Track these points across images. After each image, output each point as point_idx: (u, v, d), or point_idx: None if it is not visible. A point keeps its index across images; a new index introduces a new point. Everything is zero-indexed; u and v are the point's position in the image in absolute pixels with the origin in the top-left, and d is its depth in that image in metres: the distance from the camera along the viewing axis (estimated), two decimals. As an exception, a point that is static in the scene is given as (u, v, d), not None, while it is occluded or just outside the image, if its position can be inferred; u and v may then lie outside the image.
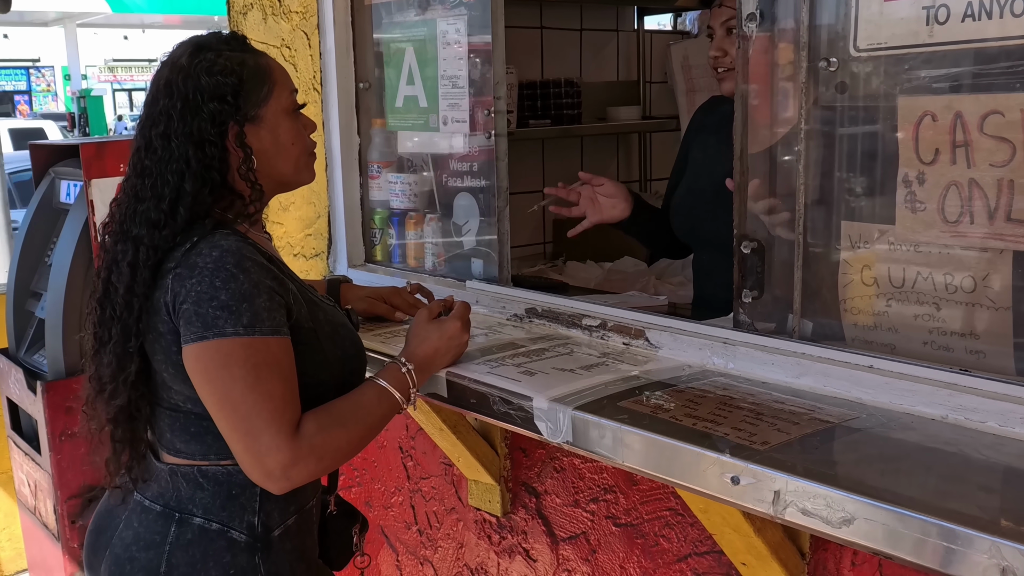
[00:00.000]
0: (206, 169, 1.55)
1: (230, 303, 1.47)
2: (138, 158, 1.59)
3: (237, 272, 1.49)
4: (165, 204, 1.54)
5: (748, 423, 1.44)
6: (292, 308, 1.57)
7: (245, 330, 1.47)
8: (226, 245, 1.51)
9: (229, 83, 1.57)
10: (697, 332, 1.81)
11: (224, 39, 1.64)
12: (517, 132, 3.23)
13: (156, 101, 1.58)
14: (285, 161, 1.65)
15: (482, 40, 2.24)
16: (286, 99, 1.65)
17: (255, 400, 1.46)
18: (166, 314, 1.51)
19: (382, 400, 1.64)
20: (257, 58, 1.64)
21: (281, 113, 1.63)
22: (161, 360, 1.55)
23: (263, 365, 1.48)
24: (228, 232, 1.55)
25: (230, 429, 1.49)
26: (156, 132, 1.56)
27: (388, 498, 2.64)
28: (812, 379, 1.61)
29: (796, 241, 1.69)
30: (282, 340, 1.51)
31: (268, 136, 1.62)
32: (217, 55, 1.59)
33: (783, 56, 1.70)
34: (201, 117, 1.55)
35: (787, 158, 1.71)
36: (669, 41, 3.85)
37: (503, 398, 1.66)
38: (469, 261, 2.38)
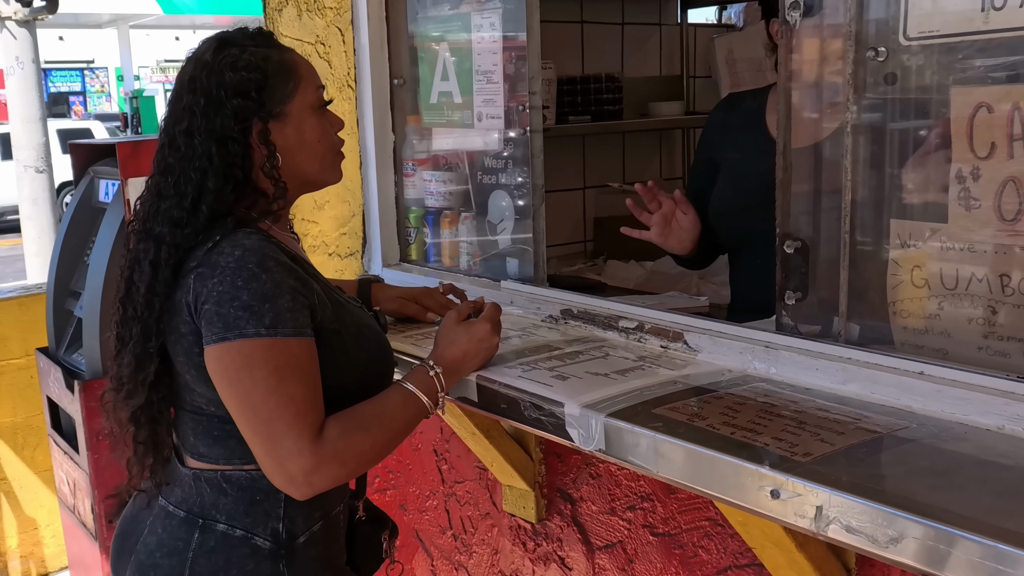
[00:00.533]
0: (228, 166, 1.52)
1: (252, 303, 1.43)
2: (161, 155, 1.56)
3: (259, 272, 1.45)
4: (187, 202, 1.51)
5: (790, 432, 1.36)
6: (316, 309, 1.52)
7: (267, 331, 1.43)
8: (248, 244, 1.48)
9: (253, 79, 1.54)
10: (738, 335, 1.74)
11: (249, 35, 1.60)
12: (556, 128, 3.16)
13: (180, 98, 1.56)
14: (310, 159, 1.61)
15: (517, 34, 2.18)
16: (312, 95, 1.61)
17: (277, 403, 1.43)
18: (188, 315, 1.48)
19: (408, 404, 1.59)
20: (282, 54, 1.61)
21: (307, 109, 1.59)
22: (183, 362, 1.52)
23: (285, 367, 1.44)
24: (250, 231, 1.52)
25: (251, 433, 1.45)
26: (179, 129, 1.53)
27: (423, 502, 2.60)
28: (859, 386, 1.53)
29: (842, 240, 1.61)
30: (305, 341, 1.47)
31: (293, 133, 1.58)
32: (242, 51, 1.56)
33: (829, 46, 1.62)
34: (224, 114, 1.52)
35: (833, 153, 1.63)
36: (713, 34, 3.76)
37: (534, 403, 1.60)
38: (504, 260, 2.33)
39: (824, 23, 1.61)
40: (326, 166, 1.65)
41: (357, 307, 1.70)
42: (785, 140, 1.68)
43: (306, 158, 1.61)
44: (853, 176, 1.58)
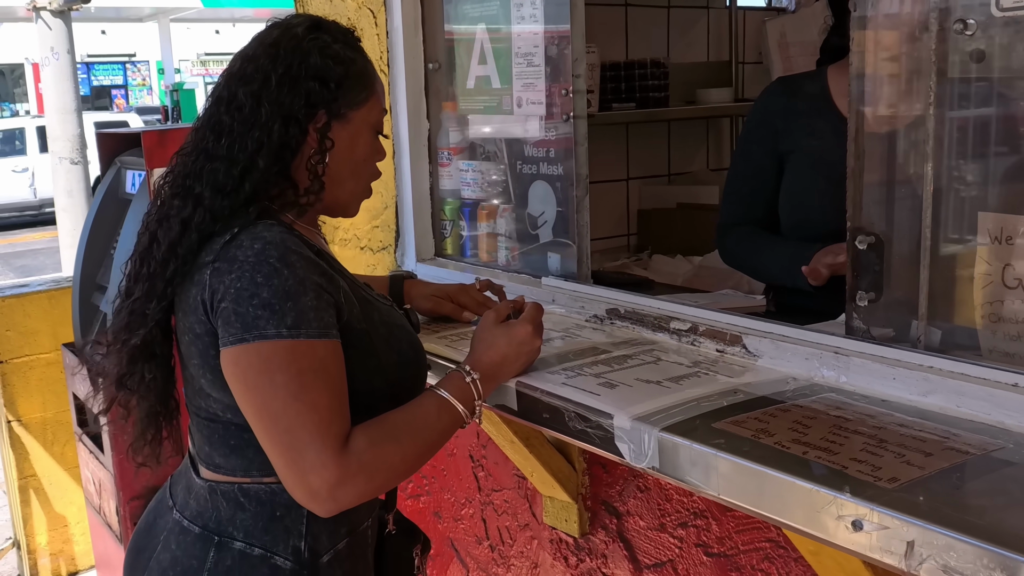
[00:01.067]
0: (283, 147, 1.42)
1: (272, 301, 1.31)
2: (216, 111, 1.45)
3: (281, 267, 1.33)
4: (236, 170, 1.41)
5: (870, 453, 1.21)
6: (343, 307, 1.40)
7: (289, 332, 1.31)
8: (269, 236, 1.35)
9: (337, 71, 1.46)
10: (803, 339, 1.58)
11: (343, 30, 1.54)
12: (599, 116, 3.01)
13: (255, 57, 1.46)
14: (351, 174, 1.53)
15: (560, 13, 2.04)
16: (376, 115, 1.54)
17: (298, 411, 1.30)
18: (203, 313, 1.36)
19: (443, 413, 1.46)
20: (367, 62, 1.54)
21: (367, 126, 1.52)
22: (198, 364, 1.40)
23: (308, 371, 1.31)
24: (272, 223, 1.39)
25: (271, 443, 1.33)
26: (247, 90, 1.43)
27: (458, 509, 2.46)
28: (942, 398, 1.37)
29: (922, 235, 1.45)
30: (330, 343, 1.35)
31: (347, 140, 1.49)
32: (334, 40, 1.49)
33: (908, 19, 1.45)
34: (297, 92, 1.43)
35: (912, 138, 1.47)
36: (764, 17, 3.58)
37: (579, 414, 1.46)
38: (545, 255, 2.18)
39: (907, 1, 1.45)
40: (358, 191, 1.57)
41: (387, 305, 1.58)
42: (857, 124, 1.52)
43: (348, 172, 1.52)
44: (936, 163, 1.42)
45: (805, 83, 2.01)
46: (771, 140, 2.08)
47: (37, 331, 3.86)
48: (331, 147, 1.46)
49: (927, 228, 1.44)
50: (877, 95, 1.51)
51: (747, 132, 2.15)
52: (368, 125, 1.52)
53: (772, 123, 2.07)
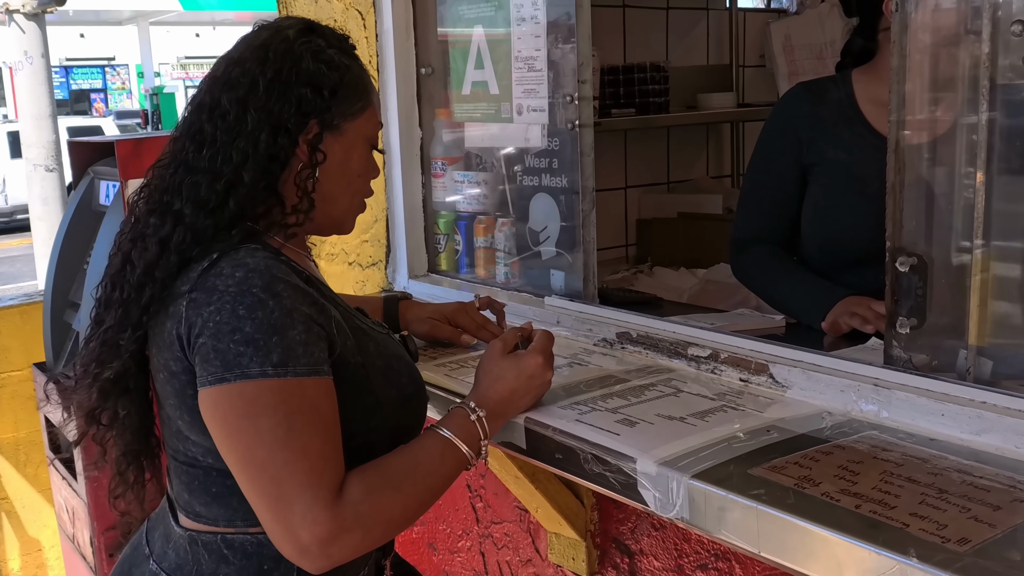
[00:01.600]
0: (271, 160, 1.28)
1: (256, 336, 1.16)
2: (198, 119, 1.30)
3: (266, 297, 1.18)
4: (220, 185, 1.26)
5: (931, 507, 1.07)
6: (335, 340, 1.26)
7: (275, 370, 1.16)
8: (252, 263, 1.21)
9: (331, 78, 1.32)
10: (837, 369, 1.45)
11: (339, 35, 1.40)
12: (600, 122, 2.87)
13: (242, 61, 1.31)
14: (344, 190, 1.38)
15: (563, 13, 1.90)
16: (372, 127, 1.41)
17: (287, 458, 1.16)
18: (179, 349, 1.21)
19: (446, 456, 1.31)
20: (363, 71, 1.41)
21: (362, 138, 1.39)
22: (174, 405, 1.26)
23: (297, 414, 1.17)
24: (255, 247, 1.25)
25: (256, 494, 1.18)
26: (232, 95, 1.28)
27: (454, 542, 2.32)
28: (998, 437, 1.24)
29: (972, 256, 1.31)
30: (322, 381, 1.21)
31: (341, 153, 1.35)
32: (328, 44, 1.35)
33: (957, 18, 1.33)
34: (288, 99, 1.29)
35: (960, 150, 1.34)
36: (768, 19, 3.46)
37: (596, 456, 1.32)
38: (548, 273, 2.04)
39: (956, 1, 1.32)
40: (352, 207, 1.44)
41: (383, 334, 1.43)
42: (898, 136, 1.39)
43: (341, 188, 1.37)
44: (987, 177, 1.29)
45: (830, 88, 1.88)
46: (795, 150, 1.93)
47: (8, 347, 3.69)
48: (323, 161, 1.31)
49: (977, 249, 1.31)
50: (920, 103, 1.37)
51: (768, 140, 2.00)
52: (363, 138, 1.38)
53: (796, 131, 1.93)
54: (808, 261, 1.97)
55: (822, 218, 1.90)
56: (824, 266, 1.94)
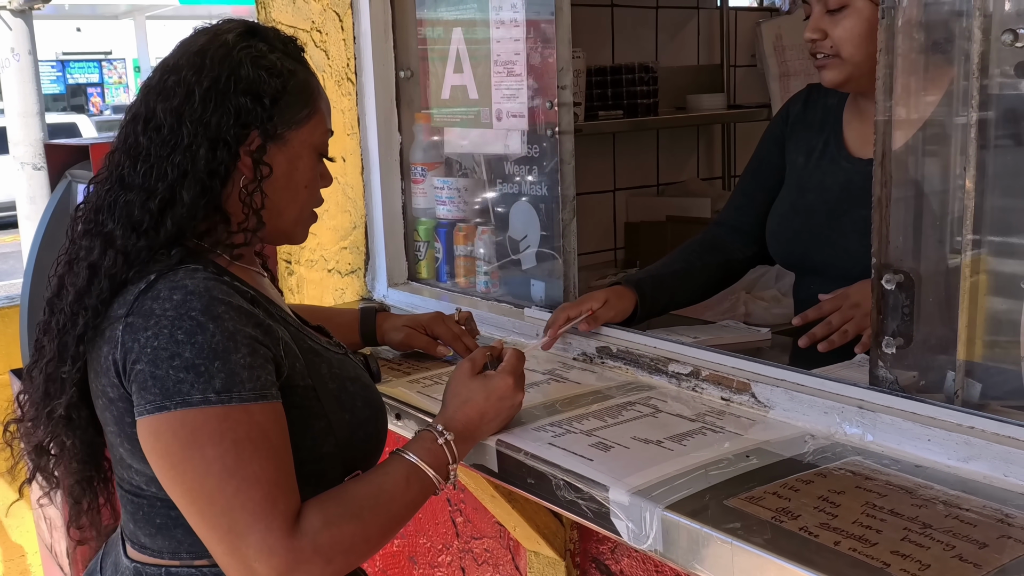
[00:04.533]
0: (210, 175, 1.21)
1: (197, 362, 1.10)
2: (133, 131, 1.23)
3: (206, 320, 1.12)
4: (154, 203, 1.19)
5: (914, 544, 1.02)
6: (283, 362, 1.20)
7: (219, 396, 1.10)
8: (191, 285, 1.15)
9: (273, 85, 1.25)
10: (821, 390, 1.40)
11: (283, 38, 1.33)
12: (585, 125, 2.82)
13: (177, 68, 1.24)
14: (291, 203, 1.32)
15: (544, 17, 1.84)
16: (320, 135, 1.33)
17: (237, 488, 1.10)
18: (115, 375, 1.16)
19: (412, 481, 1.26)
20: (309, 76, 1.34)
21: (309, 148, 1.31)
22: (114, 432, 1.20)
23: (245, 441, 1.11)
24: (195, 268, 1.18)
25: (206, 527, 1.13)
26: (167, 106, 1.21)
27: (435, 556, 2.27)
28: (986, 464, 1.19)
29: (961, 273, 1.26)
30: (269, 406, 1.15)
31: (286, 164, 1.28)
32: (270, 49, 1.28)
33: (948, 26, 1.27)
34: (226, 109, 1.22)
35: (948, 164, 1.29)
36: (758, 19, 3.40)
37: (569, 483, 1.26)
38: (528, 282, 1.99)
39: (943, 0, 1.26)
40: (301, 219, 1.36)
41: (340, 355, 1.37)
42: (884, 147, 1.33)
43: (287, 200, 1.30)
44: (977, 192, 1.24)
45: (829, 94, 1.83)
46: (777, 148, 1.90)
47: (-13, 352, 3.64)
48: (268, 174, 1.25)
49: (967, 267, 1.26)
50: (906, 115, 1.32)
51: (764, 134, 1.99)
52: (310, 147, 1.31)
53: (782, 130, 1.90)
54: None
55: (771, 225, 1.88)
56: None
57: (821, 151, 1.83)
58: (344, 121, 2.26)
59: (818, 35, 1.69)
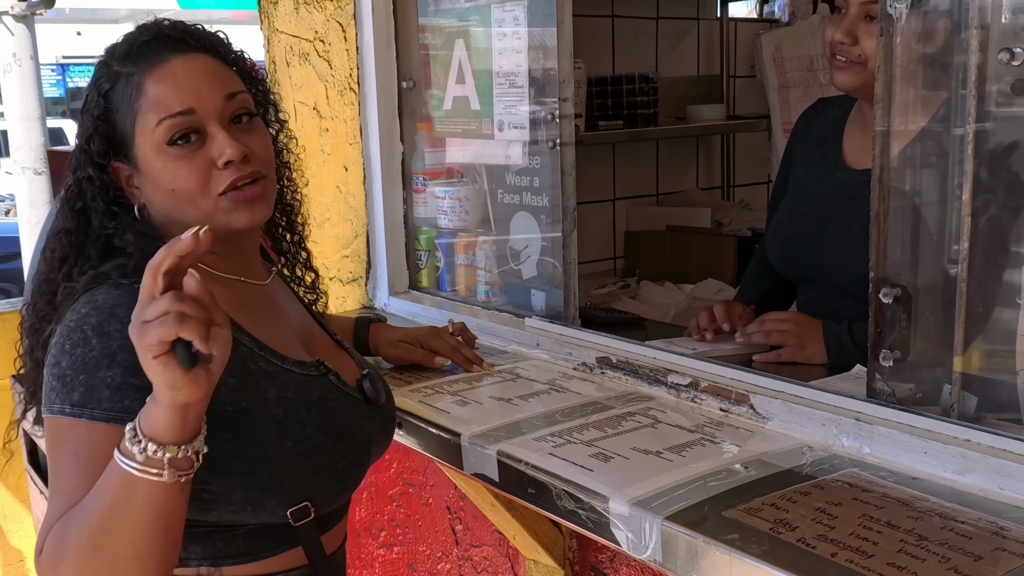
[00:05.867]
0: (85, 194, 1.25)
1: (68, 373, 1.12)
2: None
3: (91, 335, 1.13)
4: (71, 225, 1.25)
5: (909, 556, 1.04)
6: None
7: (72, 409, 1.10)
8: (100, 300, 1.16)
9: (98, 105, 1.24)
10: (819, 402, 1.41)
11: (128, 35, 1.27)
12: (585, 135, 2.84)
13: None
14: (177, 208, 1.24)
15: (545, 29, 1.86)
16: (153, 132, 1.21)
17: (51, 494, 1.10)
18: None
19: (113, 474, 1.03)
20: (132, 78, 1.22)
21: (151, 151, 1.22)
22: None
23: (72, 456, 1.09)
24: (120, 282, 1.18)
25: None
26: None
27: (434, 564, 2.28)
28: (982, 477, 1.20)
29: (958, 288, 1.28)
30: (118, 430, 1.05)
31: (146, 180, 1.25)
32: (107, 59, 1.26)
33: (943, 45, 1.29)
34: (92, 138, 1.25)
35: (945, 179, 1.30)
36: (758, 30, 3.42)
37: (569, 493, 1.28)
38: (529, 292, 2.00)
39: (941, 14, 1.28)
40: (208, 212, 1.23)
41: (314, 376, 1.29)
42: (883, 162, 1.35)
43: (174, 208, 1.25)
44: (974, 208, 1.25)
45: (834, 106, 1.85)
46: (787, 162, 1.95)
47: (-11, 356, 3.64)
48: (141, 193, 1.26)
49: (963, 282, 1.27)
50: (905, 130, 1.34)
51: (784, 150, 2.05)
52: (151, 150, 1.22)
53: (792, 144, 1.95)
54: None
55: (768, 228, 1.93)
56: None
57: (820, 163, 1.86)
58: (346, 131, 2.28)
59: (848, 40, 1.68)
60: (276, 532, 1.24)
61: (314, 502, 1.23)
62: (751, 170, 3.54)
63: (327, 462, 1.24)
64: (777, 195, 2.00)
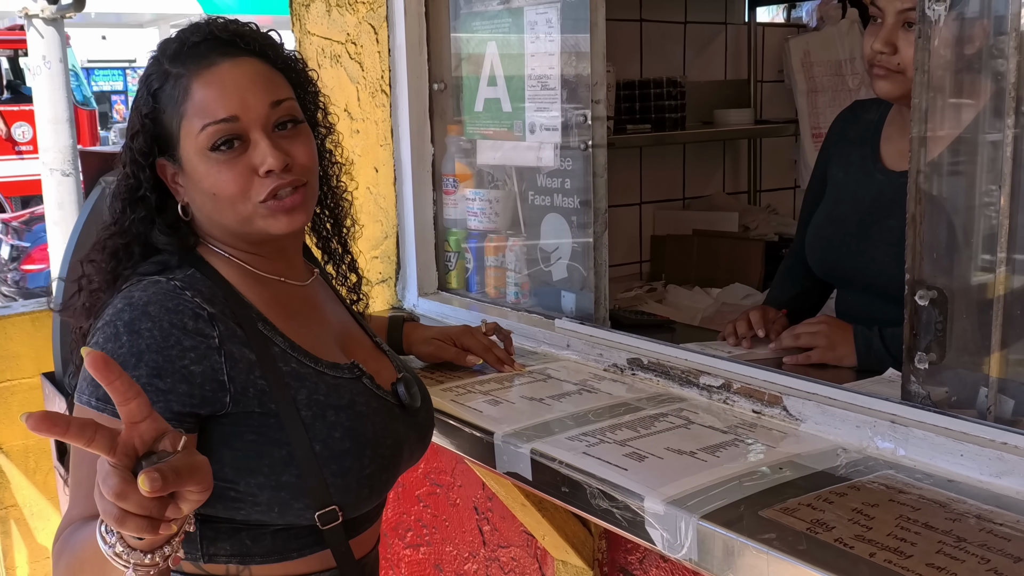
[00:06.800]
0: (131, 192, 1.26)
1: None
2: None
3: (123, 332, 1.15)
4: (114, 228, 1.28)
5: (948, 556, 1.03)
6: (224, 388, 1.17)
7: (98, 403, 1.13)
8: (136, 297, 1.18)
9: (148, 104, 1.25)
10: (853, 404, 1.41)
11: (180, 35, 1.27)
12: (614, 139, 2.84)
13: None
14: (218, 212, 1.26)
15: (578, 32, 1.87)
16: (197, 137, 1.22)
17: (71, 484, 1.13)
18: None
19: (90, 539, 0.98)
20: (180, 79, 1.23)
21: (195, 155, 1.23)
22: None
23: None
24: (156, 280, 1.20)
25: None
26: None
27: (461, 564, 2.28)
28: (1019, 480, 1.20)
29: (995, 291, 1.27)
30: None
31: (189, 181, 1.26)
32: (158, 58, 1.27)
33: (981, 48, 1.29)
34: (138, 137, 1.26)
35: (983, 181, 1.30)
36: (786, 35, 3.42)
37: (604, 491, 1.28)
38: (559, 294, 2.01)
39: (975, 19, 1.28)
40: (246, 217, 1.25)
41: (347, 379, 1.29)
42: (918, 164, 1.35)
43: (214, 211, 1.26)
44: (1012, 209, 1.25)
45: (871, 109, 1.86)
46: (823, 164, 1.96)
47: (19, 355, 3.67)
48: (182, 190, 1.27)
49: (1000, 283, 1.27)
50: (942, 133, 1.33)
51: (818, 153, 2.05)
52: (195, 154, 1.23)
53: (827, 146, 1.96)
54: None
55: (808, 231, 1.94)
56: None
57: (859, 164, 1.86)
58: (377, 132, 2.29)
59: (888, 49, 1.68)
60: (304, 533, 1.24)
61: (341, 506, 1.23)
62: (778, 175, 3.53)
63: (354, 466, 1.23)
64: (812, 198, 2.00)
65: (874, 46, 1.69)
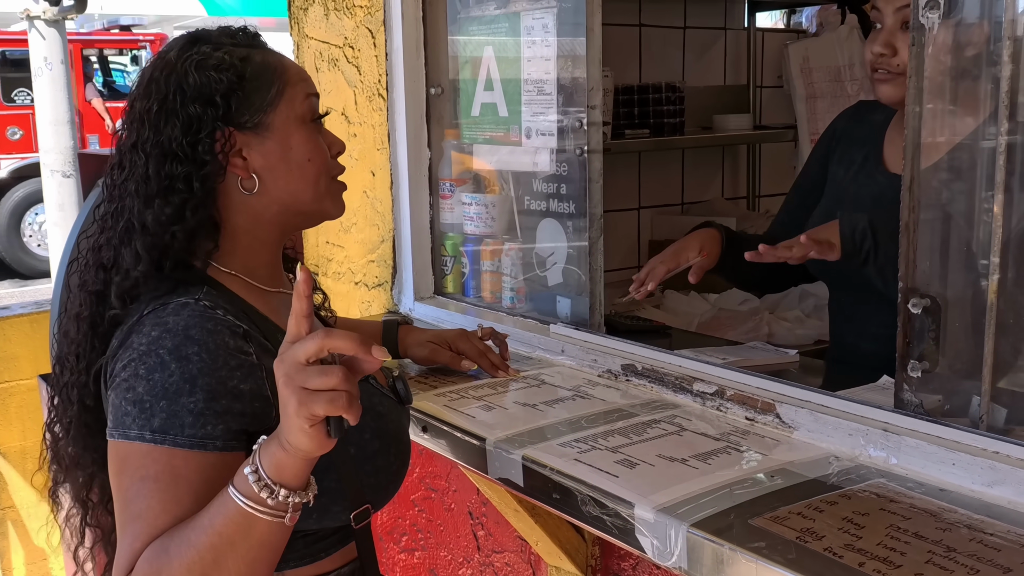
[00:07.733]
0: (168, 191, 1.20)
1: (146, 399, 1.10)
2: (110, 179, 1.26)
3: (170, 360, 1.12)
4: (116, 238, 1.22)
5: (938, 567, 1.03)
6: (271, 400, 1.14)
7: (152, 435, 1.09)
8: (172, 323, 1.14)
9: (223, 80, 1.23)
10: (846, 412, 1.40)
11: (229, 32, 1.30)
12: (611, 144, 2.83)
13: (132, 107, 1.25)
14: (300, 181, 1.28)
15: (575, 37, 1.87)
16: (300, 104, 1.29)
17: (124, 520, 1.08)
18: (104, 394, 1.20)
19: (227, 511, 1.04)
20: (266, 54, 1.29)
21: (294, 121, 1.27)
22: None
23: (151, 480, 1.08)
24: (185, 302, 1.17)
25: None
26: (126, 145, 1.23)
27: (455, 569, 2.28)
28: (1011, 490, 1.20)
29: (988, 300, 1.27)
30: (202, 456, 1.09)
31: (276, 149, 1.26)
32: (215, 48, 1.25)
33: (975, 55, 1.28)
34: (173, 124, 1.21)
35: (977, 188, 1.30)
36: (786, 40, 3.41)
37: (594, 498, 1.28)
38: (554, 299, 2.01)
39: (969, 25, 1.27)
40: (323, 193, 1.31)
41: (368, 384, 1.32)
42: (913, 172, 1.34)
43: (295, 180, 1.28)
44: (1006, 217, 1.25)
45: (877, 110, 1.85)
46: (821, 160, 1.95)
47: (17, 356, 3.68)
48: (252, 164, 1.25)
49: (993, 293, 1.26)
50: (936, 139, 1.33)
51: (811, 152, 2.03)
52: (295, 121, 1.27)
53: (828, 143, 1.94)
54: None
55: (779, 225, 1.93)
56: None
57: (860, 165, 1.85)
58: (374, 136, 2.29)
59: (888, 51, 1.68)
60: (332, 533, 1.27)
61: (374, 503, 1.27)
62: (777, 180, 3.52)
63: (384, 464, 1.28)
64: (805, 185, 1.97)
65: (874, 49, 1.69)
